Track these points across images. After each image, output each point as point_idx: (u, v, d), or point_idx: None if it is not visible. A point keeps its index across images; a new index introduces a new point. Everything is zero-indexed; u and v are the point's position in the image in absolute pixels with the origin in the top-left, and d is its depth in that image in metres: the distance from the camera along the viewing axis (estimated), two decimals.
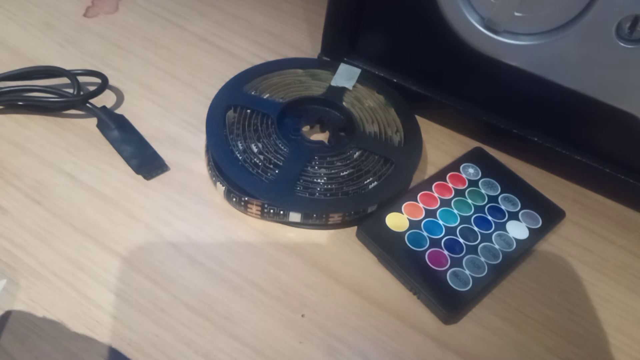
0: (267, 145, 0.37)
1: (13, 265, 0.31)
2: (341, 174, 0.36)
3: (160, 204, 0.36)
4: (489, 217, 0.36)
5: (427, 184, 0.38)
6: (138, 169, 0.37)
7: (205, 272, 0.33)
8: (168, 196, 0.36)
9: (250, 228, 0.35)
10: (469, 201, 0.37)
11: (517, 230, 0.36)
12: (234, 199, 0.35)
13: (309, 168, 0.36)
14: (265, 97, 0.40)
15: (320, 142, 0.39)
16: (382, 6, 0.40)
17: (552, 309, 0.34)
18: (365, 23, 0.42)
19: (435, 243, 0.34)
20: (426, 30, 0.39)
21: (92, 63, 0.44)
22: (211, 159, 0.36)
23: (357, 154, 0.38)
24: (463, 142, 0.43)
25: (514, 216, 0.37)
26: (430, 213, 0.36)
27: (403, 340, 0.31)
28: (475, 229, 0.36)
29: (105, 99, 0.41)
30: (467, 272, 0.33)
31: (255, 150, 0.37)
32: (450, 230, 0.35)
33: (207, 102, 0.39)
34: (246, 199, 0.34)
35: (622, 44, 0.32)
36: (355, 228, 0.35)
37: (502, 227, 0.36)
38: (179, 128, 0.40)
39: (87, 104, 0.39)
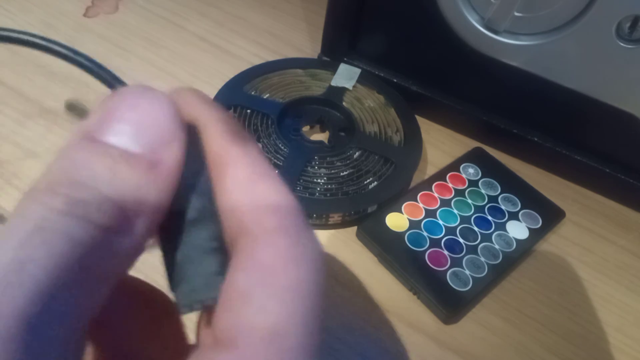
0: (267, 145, 0.37)
1: None
2: (341, 174, 0.36)
3: None
4: (489, 217, 0.36)
5: (427, 184, 0.38)
6: None
7: None
8: None
9: None
10: (469, 201, 0.37)
11: (517, 230, 0.36)
12: None
13: (309, 168, 0.36)
14: (265, 97, 0.40)
15: (320, 142, 0.39)
16: (382, 6, 0.40)
17: (552, 309, 0.34)
18: (365, 23, 0.42)
19: (435, 243, 0.34)
20: (426, 31, 0.39)
21: None
22: None
23: (357, 154, 0.38)
24: (463, 142, 0.43)
25: (514, 216, 0.37)
26: (430, 213, 0.36)
27: (403, 340, 0.31)
28: (475, 229, 0.36)
29: None
30: (467, 272, 0.33)
31: None
32: (450, 230, 0.35)
33: None
34: None
35: (622, 44, 0.32)
36: (355, 228, 0.35)
37: (502, 227, 0.36)
38: None
39: None
